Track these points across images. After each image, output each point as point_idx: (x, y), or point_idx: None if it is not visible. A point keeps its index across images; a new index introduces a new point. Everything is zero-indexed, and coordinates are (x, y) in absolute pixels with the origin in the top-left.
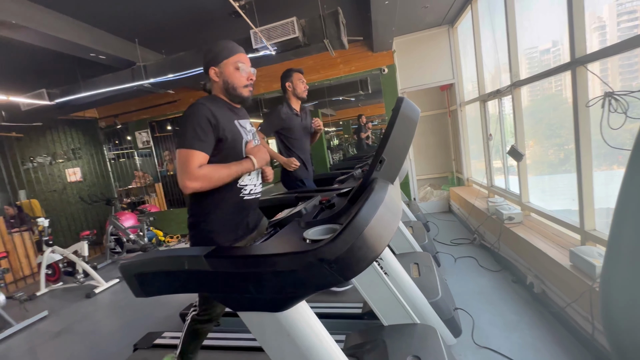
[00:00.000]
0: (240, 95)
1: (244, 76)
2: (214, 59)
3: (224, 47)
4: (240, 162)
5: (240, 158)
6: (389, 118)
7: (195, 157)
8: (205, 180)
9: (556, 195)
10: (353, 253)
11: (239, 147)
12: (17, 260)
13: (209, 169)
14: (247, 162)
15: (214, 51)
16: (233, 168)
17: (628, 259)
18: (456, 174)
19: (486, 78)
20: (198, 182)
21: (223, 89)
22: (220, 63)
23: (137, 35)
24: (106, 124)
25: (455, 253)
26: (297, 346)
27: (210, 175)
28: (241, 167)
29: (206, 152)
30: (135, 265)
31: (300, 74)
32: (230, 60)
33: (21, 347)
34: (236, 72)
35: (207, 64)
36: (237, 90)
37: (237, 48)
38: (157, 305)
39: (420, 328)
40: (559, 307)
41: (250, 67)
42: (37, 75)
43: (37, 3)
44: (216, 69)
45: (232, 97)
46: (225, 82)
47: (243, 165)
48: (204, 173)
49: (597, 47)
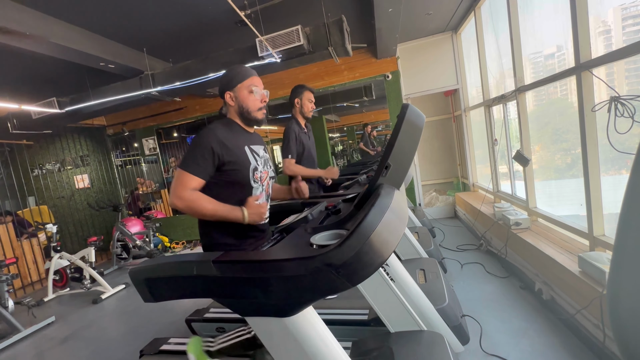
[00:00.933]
0: (255, 119)
1: (258, 99)
2: (228, 83)
3: (237, 72)
4: (233, 209)
5: (247, 184)
6: (394, 124)
7: (189, 179)
8: (187, 205)
9: (564, 200)
10: (360, 258)
11: (245, 173)
12: (26, 266)
13: (197, 198)
14: (238, 212)
15: (229, 76)
16: (220, 211)
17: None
18: (461, 179)
19: (490, 83)
20: (182, 203)
21: (238, 112)
22: (234, 87)
23: (145, 45)
24: (114, 131)
25: (461, 259)
26: (305, 352)
27: (194, 204)
28: (229, 214)
29: (202, 177)
30: (145, 270)
31: (311, 93)
32: (244, 84)
33: (28, 352)
34: (250, 95)
35: (223, 89)
36: (251, 113)
37: (250, 72)
38: (163, 311)
39: (427, 335)
40: (569, 314)
41: (263, 89)
42: (48, 84)
43: (50, 15)
44: (231, 93)
45: (246, 121)
46: (240, 106)
47: (232, 214)
48: (191, 198)
49: (602, 51)
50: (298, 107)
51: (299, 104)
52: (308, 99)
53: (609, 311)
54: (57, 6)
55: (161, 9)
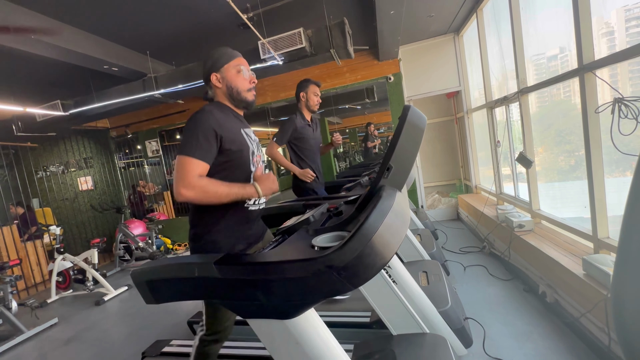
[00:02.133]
0: (245, 100)
1: (246, 79)
2: (213, 65)
3: (222, 52)
4: (244, 186)
5: (247, 168)
6: (396, 126)
7: (195, 165)
8: (201, 192)
9: (567, 202)
10: (361, 260)
11: (246, 157)
12: (29, 268)
13: (208, 182)
14: (250, 188)
15: (214, 57)
16: (234, 189)
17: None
18: (464, 181)
19: (493, 85)
20: (193, 191)
21: (227, 94)
22: (221, 68)
23: (149, 48)
24: (117, 134)
25: (464, 261)
26: (306, 354)
27: (207, 188)
28: (244, 192)
29: (207, 162)
30: (147, 272)
31: (317, 86)
32: (230, 64)
33: (31, 354)
34: (238, 75)
35: (208, 71)
36: (241, 94)
37: (235, 53)
38: (165, 313)
39: (430, 338)
40: (573, 317)
41: (249, 70)
42: (52, 87)
43: (55, 18)
44: (217, 74)
45: (236, 103)
46: (228, 87)
47: (246, 190)
48: (202, 184)
49: (605, 52)
50: (304, 100)
51: (304, 98)
52: (314, 93)
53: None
54: (62, 10)
55: (164, 13)
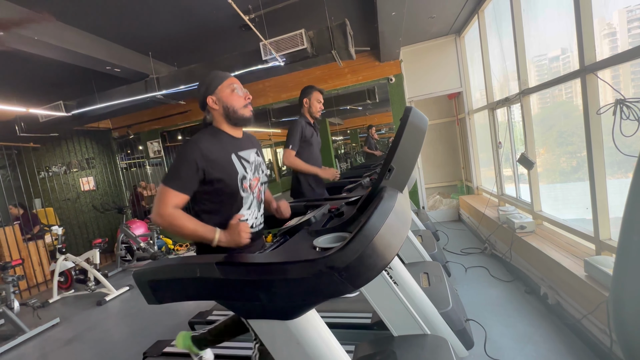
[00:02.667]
0: (242, 117)
1: (241, 97)
2: (207, 88)
3: (214, 76)
4: (209, 230)
5: (236, 195)
6: (397, 127)
7: (171, 196)
8: (167, 222)
9: (569, 203)
10: (363, 261)
11: (233, 184)
12: (31, 268)
13: (177, 216)
14: (212, 233)
15: (206, 82)
16: (200, 229)
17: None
18: (465, 182)
19: (494, 86)
20: (161, 219)
21: (224, 115)
22: (215, 90)
23: (151, 49)
24: (119, 134)
25: (465, 263)
26: (307, 355)
27: (174, 222)
28: (204, 234)
29: (186, 193)
30: (149, 272)
31: (321, 94)
32: (224, 85)
33: (33, 354)
34: (233, 94)
35: (204, 96)
36: (237, 112)
37: (226, 74)
38: (166, 313)
39: (431, 339)
40: (575, 319)
41: (243, 88)
42: (55, 87)
43: (58, 19)
44: (213, 97)
45: (234, 122)
46: (224, 107)
47: (206, 234)
48: (171, 216)
49: (607, 54)
50: (307, 107)
51: (307, 104)
52: (317, 100)
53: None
54: (64, 11)
55: (166, 14)
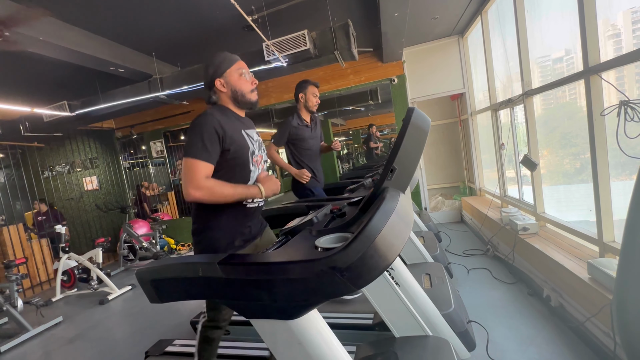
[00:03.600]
0: (249, 101)
1: (248, 81)
2: (216, 71)
3: (223, 58)
4: (248, 187)
5: (246, 168)
6: (400, 128)
7: (201, 167)
8: (208, 193)
9: (572, 205)
10: (365, 261)
11: (245, 157)
12: (35, 267)
13: (215, 183)
14: (254, 189)
15: (215, 64)
16: (239, 190)
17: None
18: (468, 183)
19: (497, 87)
20: (201, 192)
21: (231, 98)
22: (224, 73)
23: (154, 49)
24: (122, 134)
25: (468, 264)
26: (309, 355)
27: (214, 190)
28: (247, 192)
29: (212, 162)
30: (151, 271)
31: (316, 87)
32: (233, 69)
33: (36, 352)
34: (241, 78)
35: (212, 78)
36: (245, 96)
37: (235, 57)
38: (168, 312)
39: (432, 341)
40: (578, 322)
41: (249, 72)
42: (59, 88)
43: (62, 20)
44: (221, 79)
45: (241, 104)
46: (233, 90)
47: (250, 191)
48: (209, 185)
49: (611, 55)
50: (302, 101)
51: (303, 99)
52: (312, 94)
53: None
54: (69, 12)
55: (170, 15)
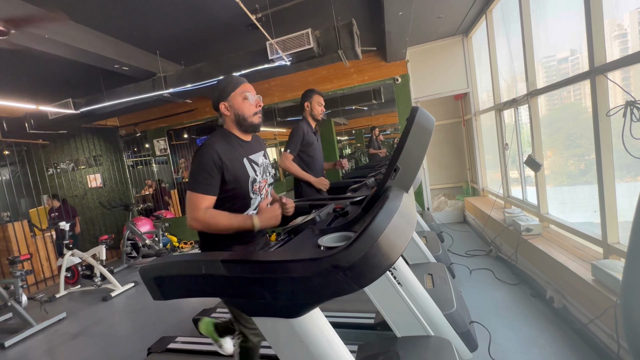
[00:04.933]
0: (252, 124)
1: (252, 104)
2: (221, 94)
3: (229, 81)
4: (245, 219)
5: (246, 197)
6: (404, 127)
7: (200, 200)
8: (204, 225)
9: (577, 207)
10: (367, 260)
11: (244, 187)
12: (39, 263)
13: (211, 216)
14: (249, 220)
15: (220, 87)
16: (234, 222)
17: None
18: (471, 184)
19: (502, 87)
20: (198, 224)
21: (235, 121)
22: (228, 97)
23: (159, 48)
24: (126, 132)
25: (470, 265)
26: (310, 353)
27: (210, 222)
28: (242, 225)
29: (212, 194)
30: (155, 268)
31: (321, 97)
32: (237, 92)
33: (40, 347)
34: (245, 102)
35: (217, 100)
36: (247, 120)
37: (240, 79)
38: (170, 310)
39: (434, 341)
40: (582, 324)
41: (255, 94)
42: (64, 85)
43: (68, 18)
44: (225, 103)
45: (244, 128)
46: (236, 114)
47: (245, 223)
48: (205, 219)
49: (618, 55)
50: (308, 110)
51: (308, 107)
52: (318, 102)
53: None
54: (75, 10)
55: (174, 13)
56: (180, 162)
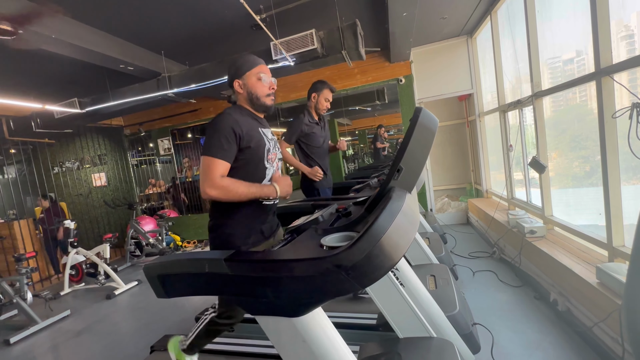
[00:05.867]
0: (264, 104)
1: (266, 86)
2: (237, 72)
3: (245, 60)
4: (262, 186)
5: (262, 165)
6: (407, 127)
7: (218, 165)
8: (223, 191)
9: (582, 209)
10: (370, 260)
11: (261, 154)
12: (44, 260)
13: (230, 182)
14: (269, 188)
15: (237, 65)
16: (253, 189)
17: None
18: (475, 185)
19: (506, 88)
20: (217, 190)
21: (247, 99)
22: (243, 75)
23: (163, 48)
24: (131, 132)
25: (473, 266)
26: (313, 352)
27: (229, 188)
28: (262, 191)
29: (228, 161)
30: (159, 266)
31: (331, 92)
32: (252, 72)
33: (45, 344)
34: (258, 82)
35: (232, 78)
36: (260, 99)
37: (257, 60)
38: (173, 308)
39: (437, 342)
40: (586, 327)
41: (271, 77)
42: (70, 85)
43: (74, 18)
44: (240, 81)
45: (256, 107)
46: (249, 92)
47: (264, 190)
48: (224, 184)
49: (624, 56)
50: (314, 102)
51: (315, 99)
52: (325, 97)
53: (627, 324)
54: (82, 10)
55: (179, 14)
56: (184, 161)
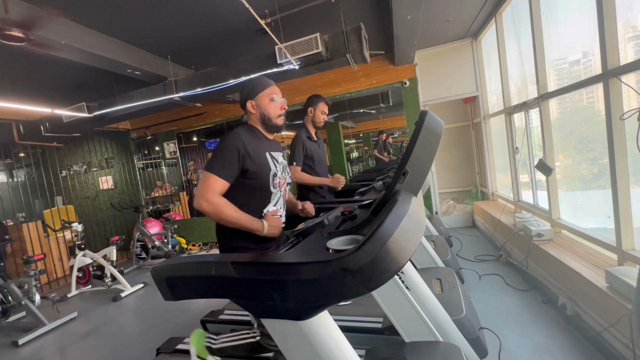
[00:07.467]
0: (276, 125)
1: (278, 106)
2: (250, 93)
3: (258, 82)
4: (252, 219)
5: (266, 189)
6: (413, 131)
7: (216, 182)
8: (215, 208)
9: (590, 212)
10: (376, 264)
11: (266, 179)
12: (52, 263)
13: (224, 203)
14: (257, 223)
15: (250, 86)
16: (243, 219)
17: None
18: (480, 187)
19: (512, 90)
20: (210, 206)
21: (260, 120)
22: (256, 96)
23: (170, 52)
24: (137, 135)
25: (479, 270)
26: (319, 355)
27: (220, 208)
28: (250, 224)
29: (227, 180)
30: (166, 269)
31: (326, 105)
32: (265, 93)
33: (52, 346)
34: (271, 103)
35: (244, 98)
36: (272, 120)
37: (269, 82)
38: (179, 311)
39: (443, 346)
40: (595, 332)
41: (282, 97)
42: (78, 89)
43: (82, 24)
44: (253, 102)
45: (267, 127)
46: (262, 113)
47: (253, 224)
48: (217, 202)
49: (632, 57)
50: (310, 116)
51: (311, 114)
52: (321, 111)
53: (637, 329)
54: (89, 16)
55: (185, 18)
56: (190, 164)
